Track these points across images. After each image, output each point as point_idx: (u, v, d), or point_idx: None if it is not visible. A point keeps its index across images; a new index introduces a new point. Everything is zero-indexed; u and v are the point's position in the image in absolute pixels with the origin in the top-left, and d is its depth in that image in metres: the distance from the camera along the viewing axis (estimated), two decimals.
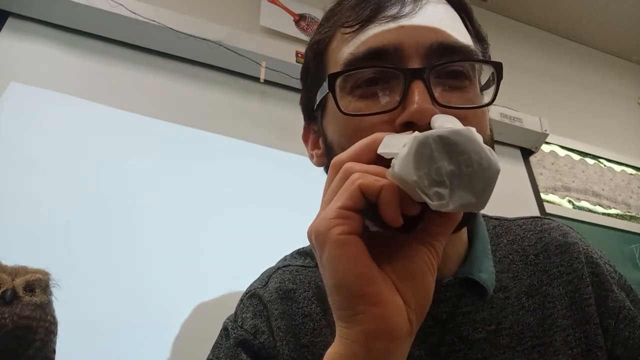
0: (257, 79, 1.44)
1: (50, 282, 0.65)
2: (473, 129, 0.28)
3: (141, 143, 1.24)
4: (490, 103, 0.42)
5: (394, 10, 0.41)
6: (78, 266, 1.00)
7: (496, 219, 0.55)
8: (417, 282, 0.31)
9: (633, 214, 1.98)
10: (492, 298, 0.46)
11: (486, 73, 0.45)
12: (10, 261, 0.63)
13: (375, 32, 0.41)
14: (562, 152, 2.01)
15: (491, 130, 0.45)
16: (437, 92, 0.38)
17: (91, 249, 1.04)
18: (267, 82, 1.46)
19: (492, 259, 0.48)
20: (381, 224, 0.31)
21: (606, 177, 2.04)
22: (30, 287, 0.61)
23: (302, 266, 0.53)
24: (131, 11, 1.31)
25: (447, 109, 0.38)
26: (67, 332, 0.67)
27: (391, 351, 0.30)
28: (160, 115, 1.31)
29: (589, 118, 2.22)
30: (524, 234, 0.53)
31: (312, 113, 0.49)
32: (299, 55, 1.48)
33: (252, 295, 0.52)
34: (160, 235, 1.12)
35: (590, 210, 1.89)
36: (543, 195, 1.80)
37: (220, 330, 0.53)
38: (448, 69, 0.40)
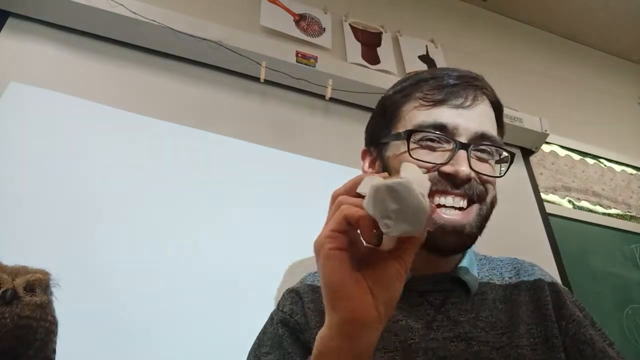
0: (257, 79, 1.44)
1: (50, 282, 0.65)
2: (412, 181, 0.39)
3: (141, 143, 1.24)
4: (502, 175, 0.65)
5: (459, 101, 0.62)
6: (78, 266, 1.00)
7: (483, 256, 0.75)
8: (388, 285, 0.42)
9: (633, 214, 1.98)
10: (474, 297, 0.65)
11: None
12: (10, 261, 0.63)
13: (443, 112, 0.61)
14: (562, 152, 2.01)
15: (496, 194, 0.66)
16: (472, 161, 0.59)
17: (91, 249, 1.04)
18: (267, 82, 1.46)
19: (477, 275, 0.67)
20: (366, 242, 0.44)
21: (606, 177, 2.04)
22: (30, 287, 0.61)
23: None
24: (131, 11, 1.31)
25: (476, 173, 0.60)
26: (67, 332, 0.66)
27: (361, 334, 0.41)
28: (160, 115, 1.31)
29: (589, 118, 2.22)
30: (502, 264, 0.73)
31: (377, 142, 0.68)
32: (299, 55, 1.48)
33: (291, 290, 0.73)
34: (161, 235, 1.12)
35: (590, 210, 1.89)
36: (543, 195, 1.80)
37: (267, 319, 0.72)
38: (482, 148, 0.62)
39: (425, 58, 1.90)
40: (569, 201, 1.87)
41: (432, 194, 0.59)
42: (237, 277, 1.12)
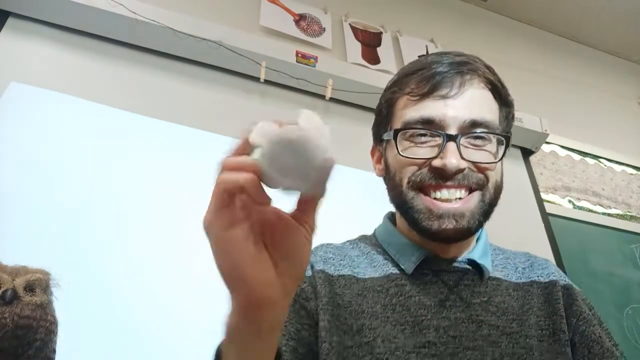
0: (257, 79, 1.44)
1: (50, 282, 0.65)
2: (310, 131, 0.34)
3: (141, 143, 1.24)
4: (499, 160, 0.62)
5: (444, 91, 0.61)
6: (78, 266, 1.00)
7: (497, 246, 0.75)
8: (294, 254, 0.39)
9: (633, 214, 1.98)
10: (487, 282, 0.64)
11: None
12: (10, 261, 0.63)
13: (428, 105, 0.61)
14: (563, 152, 2.01)
15: (502, 173, 0.65)
16: (464, 151, 0.59)
17: (91, 249, 1.04)
18: (267, 82, 1.46)
19: (490, 262, 0.66)
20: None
21: (606, 177, 2.04)
22: (30, 287, 0.61)
23: (340, 246, 0.72)
24: (131, 11, 1.31)
25: (470, 162, 0.59)
26: (67, 332, 0.66)
27: (261, 316, 0.38)
28: (160, 115, 1.31)
29: (589, 118, 2.22)
30: (515, 256, 0.73)
31: (380, 140, 0.70)
32: (299, 55, 1.48)
33: None
34: (161, 235, 1.12)
35: (590, 210, 1.89)
36: (543, 195, 1.80)
37: None
38: (474, 135, 0.60)
39: None
40: (569, 201, 1.87)
41: (427, 189, 0.60)
42: None
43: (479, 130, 0.60)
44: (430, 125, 0.60)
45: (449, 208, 0.58)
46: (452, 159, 0.57)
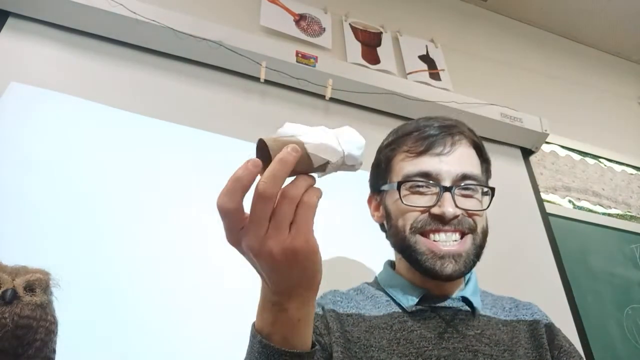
0: (257, 79, 1.44)
1: (50, 282, 0.65)
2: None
3: (141, 143, 1.24)
4: (485, 209, 0.74)
5: (438, 150, 0.72)
6: (78, 266, 1.00)
7: (485, 290, 0.84)
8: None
9: (633, 214, 1.98)
10: (479, 318, 0.73)
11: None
12: (10, 261, 0.63)
13: (425, 161, 0.72)
14: (563, 152, 2.01)
15: (486, 220, 0.75)
16: (457, 199, 0.69)
17: (91, 249, 1.04)
18: (267, 82, 1.46)
19: (480, 301, 0.76)
20: None
21: (606, 177, 2.04)
22: (30, 287, 0.61)
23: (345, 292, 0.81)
24: (131, 11, 1.31)
25: (463, 210, 0.70)
26: (67, 332, 0.66)
27: (315, 264, 0.45)
28: (160, 115, 1.31)
29: (589, 118, 2.22)
30: (502, 299, 0.82)
31: (378, 190, 0.80)
32: (299, 55, 1.48)
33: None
34: (161, 235, 1.12)
35: (590, 210, 1.89)
36: (543, 195, 1.80)
37: None
38: (464, 187, 0.71)
39: (425, 58, 1.90)
40: (569, 201, 1.87)
41: (427, 233, 0.70)
42: (237, 277, 1.12)
43: (469, 182, 0.71)
44: (428, 178, 0.71)
45: (448, 250, 0.68)
46: (449, 207, 0.68)
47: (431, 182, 0.71)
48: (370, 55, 1.77)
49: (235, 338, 0.89)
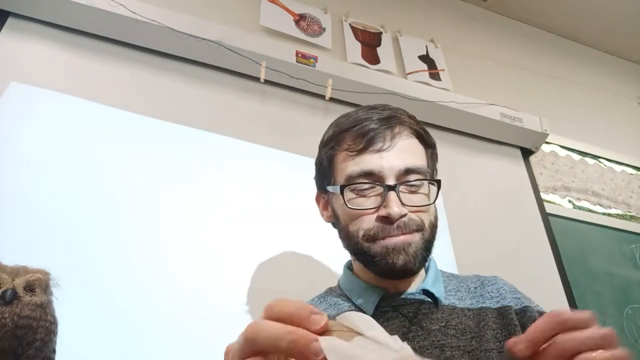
0: (257, 79, 1.44)
1: (50, 282, 0.65)
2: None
3: (141, 143, 1.24)
4: (432, 203, 0.71)
5: (378, 146, 0.69)
6: (78, 266, 1.00)
7: (450, 273, 0.82)
8: None
9: (633, 214, 1.98)
10: (443, 308, 0.70)
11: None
12: (10, 261, 0.63)
13: (366, 159, 0.69)
14: (562, 152, 2.01)
15: (435, 213, 0.74)
16: (403, 197, 0.67)
17: (91, 249, 1.04)
18: (267, 82, 1.46)
19: (444, 289, 0.74)
20: None
21: (606, 177, 2.04)
22: (30, 287, 0.61)
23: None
24: (131, 11, 1.31)
25: (409, 207, 0.68)
26: (67, 332, 0.66)
27: None
28: (160, 115, 1.31)
29: (589, 118, 2.22)
30: (467, 278, 0.80)
31: (324, 189, 0.77)
32: (299, 55, 1.48)
33: None
34: (160, 235, 1.12)
35: (590, 210, 1.89)
36: (543, 195, 1.80)
37: None
38: (409, 182, 0.69)
39: (425, 58, 1.90)
40: (569, 201, 1.87)
41: (379, 240, 0.67)
42: (237, 276, 1.12)
43: (412, 177, 0.69)
44: (371, 177, 0.68)
45: (397, 240, 0.66)
46: (394, 207, 0.66)
47: (375, 182, 0.68)
48: (370, 55, 1.77)
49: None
